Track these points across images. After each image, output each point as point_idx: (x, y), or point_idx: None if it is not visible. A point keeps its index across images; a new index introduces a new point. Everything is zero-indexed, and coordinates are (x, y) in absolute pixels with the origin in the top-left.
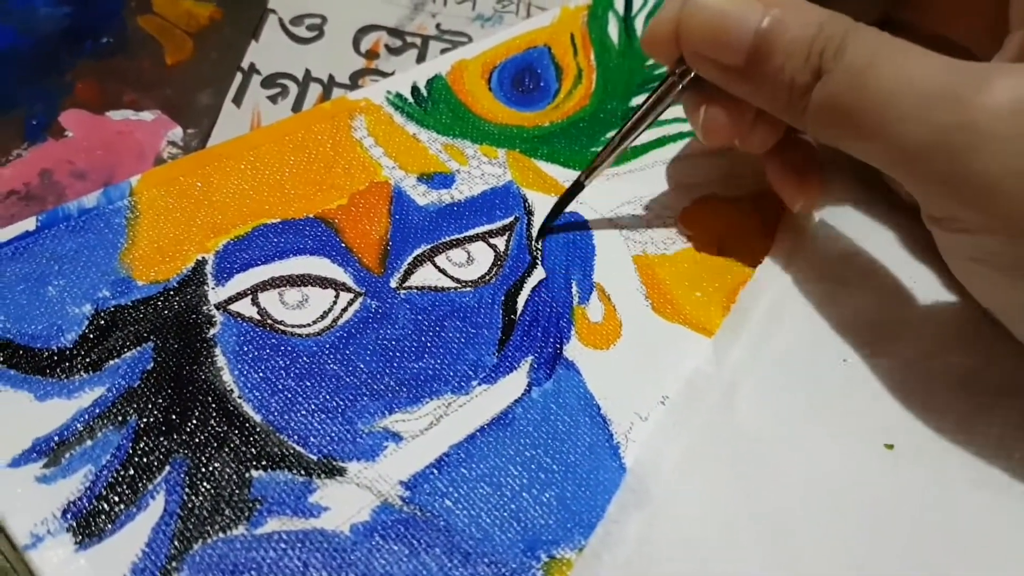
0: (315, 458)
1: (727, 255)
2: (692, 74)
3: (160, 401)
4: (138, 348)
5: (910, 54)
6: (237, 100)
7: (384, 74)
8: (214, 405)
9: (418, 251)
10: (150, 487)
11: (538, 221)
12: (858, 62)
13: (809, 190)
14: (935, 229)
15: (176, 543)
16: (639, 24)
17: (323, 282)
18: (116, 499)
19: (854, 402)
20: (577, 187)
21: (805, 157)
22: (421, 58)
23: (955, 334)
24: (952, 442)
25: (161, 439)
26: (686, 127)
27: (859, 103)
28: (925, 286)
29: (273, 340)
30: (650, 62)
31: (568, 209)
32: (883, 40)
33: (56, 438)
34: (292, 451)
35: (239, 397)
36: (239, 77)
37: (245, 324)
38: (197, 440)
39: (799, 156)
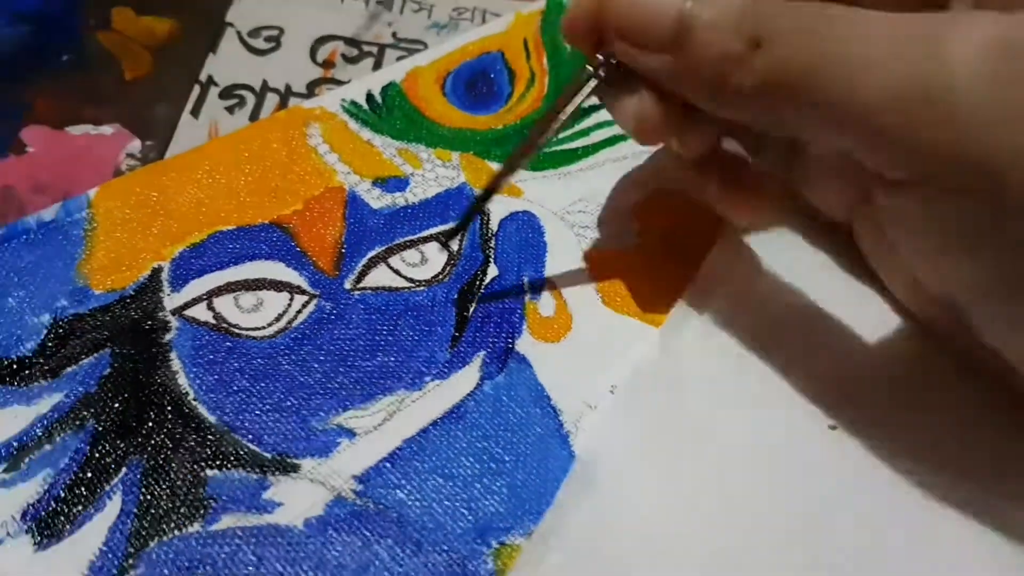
0: (269, 456)
1: (677, 248)
2: (610, 61)
3: (117, 405)
4: (96, 355)
5: (858, 10)
6: (195, 112)
7: (340, 83)
8: (170, 408)
9: (372, 253)
10: (107, 488)
11: (492, 221)
12: (804, 23)
13: (755, 204)
14: (891, 198)
15: (133, 541)
16: None
17: (278, 285)
18: (74, 501)
19: (798, 390)
20: (490, 193)
21: (742, 168)
22: (377, 66)
23: (898, 322)
24: (894, 422)
25: (118, 442)
26: None
27: (808, 62)
28: (867, 274)
29: (228, 343)
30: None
31: (520, 208)
32: (826, 3)
33: (15, 443)
34: (246, 450)
35: (194, 399)
36: (197, 89)
37: (200, 328)
38: (153, 442)
39: (736, 169)
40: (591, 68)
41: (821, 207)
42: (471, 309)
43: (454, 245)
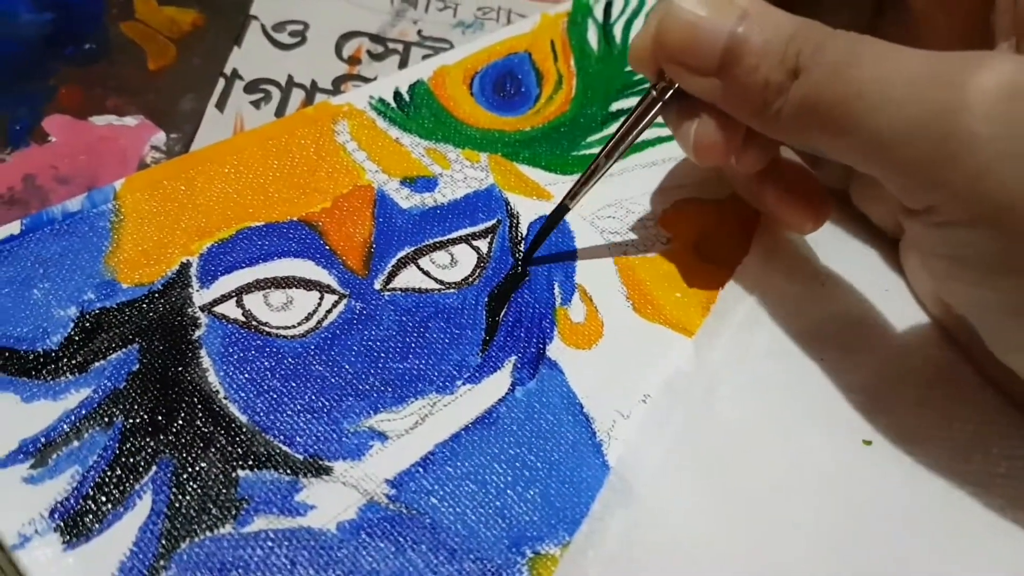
0: (301, 458)
1: (706, 257)
2: (674, 87)
3: (146, 402)
4: (123, 350)
5: (892, 47)
6: (220, 105)
7: (366, 80)
8: (200, 406)
9: (402, 253)
10: (137, 487)
11: (522, 224)
12: (838, 57)
13: (812, 211)
14: (912, 224)
15: (163, 542)
16: (618, 31)
17: (307, 284)
18: (103, 499)
19: (832, 400)
20: (563, 210)
21: (801, 176)
22: (403, 64)
23: (931, 332)
24: (928, 437)
25: (147, 439)
26: (664, 131)
27: (840, 95)
28: (902, 287)
29: (258, 341)
30: (629, 67)
31: (549, 212)
32: (863, 38)
33: (43, 439)
34: (278, 451)
35: (225, 398)
36: (222, 83)
37: (230, 326)
38: (183, 440)
39: (796, 176)
40: (655, 92)
41: (873, 218)
42: (502, 313)
43: (483, 247)
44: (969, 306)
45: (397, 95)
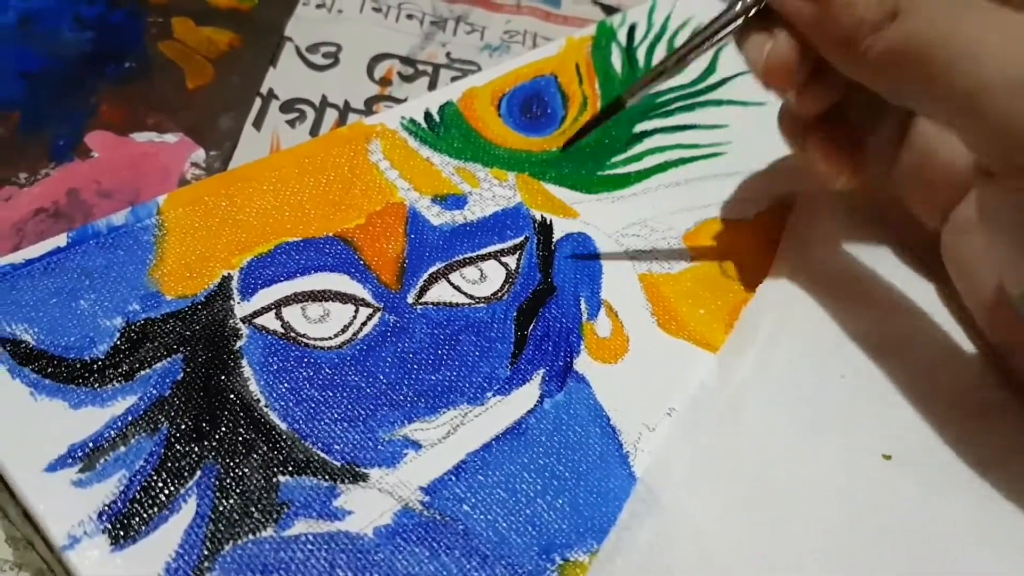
0: (339, 464)
1: (729, 274)
2: (762, 3)
3: (190, 409)
4: (168, 359)
5: (998, 7)
6: (257, 124)
7: (397, 100)
8: (242, 414)
9: (433, 268)
10: (182, 491)
11: (549, 241)
12: (941, 5)
13: (852, 165)
14: (990, 190)
15: (208, 544)
16: (641, 54)
17: (343, 297)
18: (150, 502)
19: (854, 415)
20: (619, 106)
21: (848, 134)
22: (432, 85)
23: (955, 350)
24: (949, 453)
25: (192, 446)
26: (687, 152)
27: (939, 43)
28: (925, 304)
29: (296, 352)
30: (652, 90)
31: (576, 230)
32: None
33: (91, 444)
34: (317, 457)
35: (265, 406)
36: (258, 102)
37: (270, 337)
38: (226, 447)
39: (842, 132)
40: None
41: (916, 209)
42: (530, 327)
43: (511, 263)
44: None
45: (428, 116)
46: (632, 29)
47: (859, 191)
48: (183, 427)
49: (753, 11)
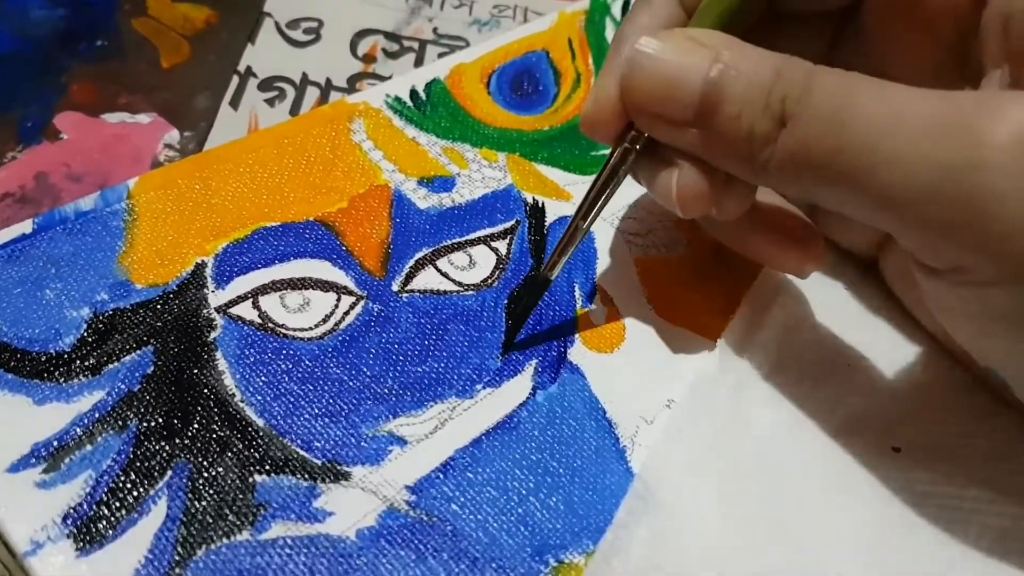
0: (319, 462)
1: (727, 259)
2: (644, 139)
3: (161, 405)
4: (138, 352)
5: (890, 87)
6: (234, 103)
7: (381, 78)
8: (216, 409)
9: (420, 254)
10: (152, 492)
11: (544, 221)
12: (830, 102)
13: (807, 248)
14: (931, 282)
15: (179, 549)
16: None
17: (324, 285)
18: (117, 504)
19: (860, 406)
20: (545, 282)
21: (783, 214)
22: (419, 62)
23: None
24: (959, 445)
25: (163, 444)
26: None
27: (837, 147)
28: None
29: (275, 344)
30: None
31: (569, 213)
32: (853, 76)
33: (55, 443)
34: (296, 455)
35: (241, 401)
36: (236, 80)
37: (246, 327)
38: (199, 445)
39: (779, 216)
40: (626, 145)
41: (844, 245)
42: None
43: (502, 248)
44: (1004, 361)
45: (413, 94)
46: (626, 2)
47: None
48: (153, 424)
49: (637, 149)
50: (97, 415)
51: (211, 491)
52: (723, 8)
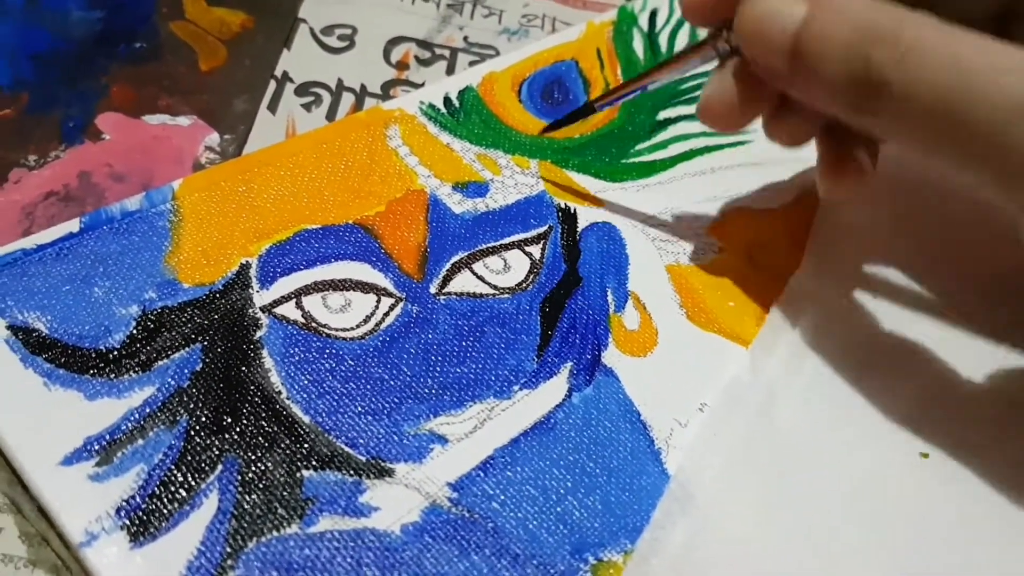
0: (364, 459)
1: (758, 265)
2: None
3: (210, 401)
4: (186, 349)
5: (996, 45)
6: (272, 107)
7: (414, 85)
8: (263, 406)
9: (456, 258)
10: (203, 486)
11: (574, 231)
12: (929, 59)
13: (846, 177)
14: None
15: (231, 541)
16: (663, 39)
17: (365, 287)
18: (170, 497)
19: (890, 411)
20: (588, 109)
21: (843, 146)
22: (450, 70)
23: (992, 346)
24: (986, 452)
25: (212, 439)
26: (712, 140)
27: (953, 121)
28: (958, 296)
29: (318, 343)
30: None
31: (602, 219)
32: (955, 33)
33: (108, 437)
34: (341, 452)
35: (287, 398)
36: (273, 85)
37: (290, 327)
38: (248, 440)
39: (837, 146)
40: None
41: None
42: (556, 318)
43: (536, 253)
44: None
45: (447, 101)
46: (654, 14)
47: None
48: (203, 419)
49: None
50: (148, 410)
51: (260, 485)
52: None
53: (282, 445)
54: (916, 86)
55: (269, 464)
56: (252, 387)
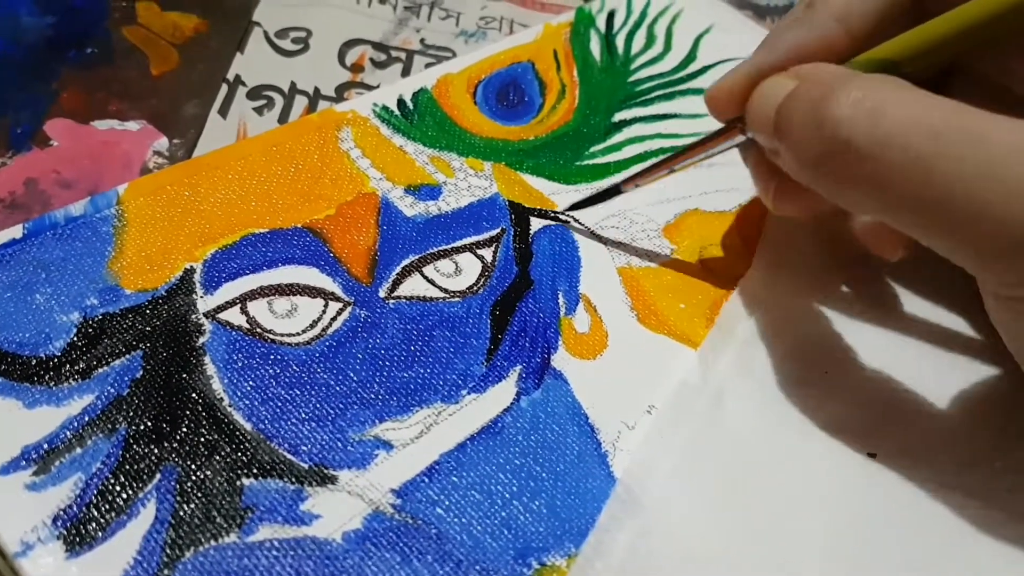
0: (306, 466)
1: (709, 268)
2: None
3: (150, 409)
4: (127, 356)
5: (980, 115)
6: (223, 111)
7: (369, 87)
8: (204, 413)
9: (406, 261)
10: (141, 495)
11: (526, 234)
12: (902, 133)
13: (786, 208)
14: (1001, 312)
15: (168, 551)
16: (620, 41)
17: (312, 291)
18: (107, 507)
19: (838, 412)
20: (614, 191)
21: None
22: (406, 72)
23: (940, 346)
24: (933, 451)
25: (151, 447)
26: (667, 142)
27: (921, 190)
28: (906, 299)
29: (263, 349)
30: (632, 78)
31: (554, 223)
32: (921, 96)
33: (45, 445)
34: (283, 459)
35: (229, 405)
36: (224, 88)
37: (234, 333)
38: (187, 448)
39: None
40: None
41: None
42: (506, 322)
43: (487, 256)
44: None
45: (401, 103)
46: (611, 15)
47: None
48: (142, 427)
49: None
50: (87, 419)
51: (199, 494)
52: (881, 57)
53: (222, 453)
54: (880, 147)
55: (208, 472)
56: (193, 394)
